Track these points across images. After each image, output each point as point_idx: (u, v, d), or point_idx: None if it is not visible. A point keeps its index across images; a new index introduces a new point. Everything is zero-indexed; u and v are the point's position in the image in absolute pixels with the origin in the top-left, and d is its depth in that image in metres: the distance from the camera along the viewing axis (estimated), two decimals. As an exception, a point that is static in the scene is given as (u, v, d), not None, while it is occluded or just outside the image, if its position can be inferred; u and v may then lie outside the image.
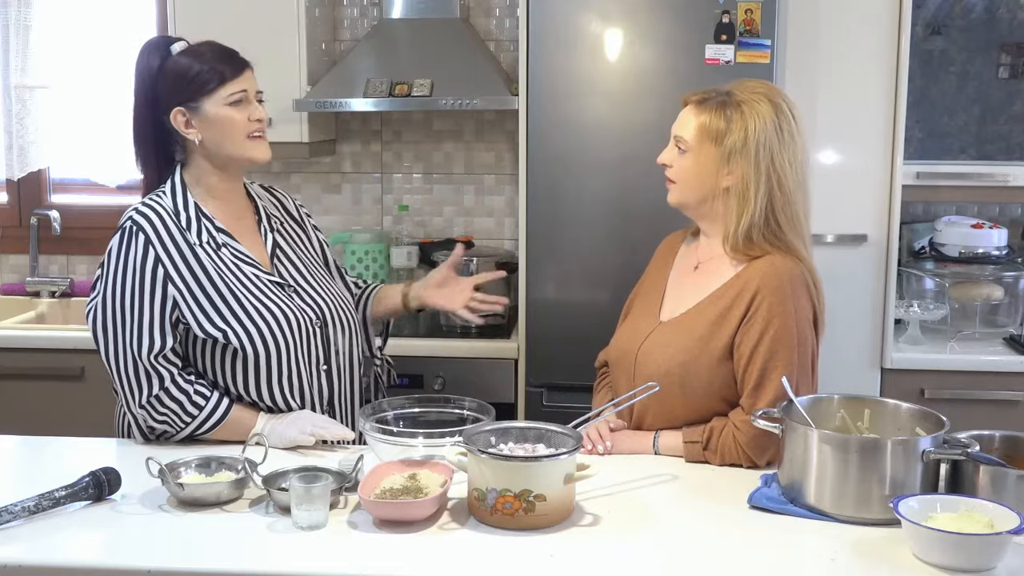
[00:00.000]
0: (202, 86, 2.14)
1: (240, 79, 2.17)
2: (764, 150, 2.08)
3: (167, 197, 2.19)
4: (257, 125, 2.19)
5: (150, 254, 2.11)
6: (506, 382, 3.22)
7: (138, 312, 2.10)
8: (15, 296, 3.87)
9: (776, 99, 2.13)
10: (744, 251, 2.12)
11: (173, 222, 2.15)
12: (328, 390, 2.27)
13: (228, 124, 2.16)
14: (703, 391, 2.10)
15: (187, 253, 2.14)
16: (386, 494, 1.79)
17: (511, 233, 3.77)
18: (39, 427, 2.57)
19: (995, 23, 3.49)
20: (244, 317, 2.15)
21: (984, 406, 3.07)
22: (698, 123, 2.12)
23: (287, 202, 2.42)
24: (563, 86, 3.04)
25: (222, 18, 3.32)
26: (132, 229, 2.13)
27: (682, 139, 2.14)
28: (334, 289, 2.34)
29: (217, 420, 2.14)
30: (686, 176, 2.15)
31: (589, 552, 1.69)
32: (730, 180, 2.10)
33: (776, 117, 2.10)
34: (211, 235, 2.18)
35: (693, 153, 2.13)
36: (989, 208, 3.56)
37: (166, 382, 2.12)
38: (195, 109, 2.15)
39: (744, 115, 2.09)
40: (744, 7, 2.93)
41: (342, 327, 2.30)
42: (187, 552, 1.71)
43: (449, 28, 3.51)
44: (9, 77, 3.82)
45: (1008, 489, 1.72)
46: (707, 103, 2.13)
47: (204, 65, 2.14)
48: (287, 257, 2.29)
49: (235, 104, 2.16)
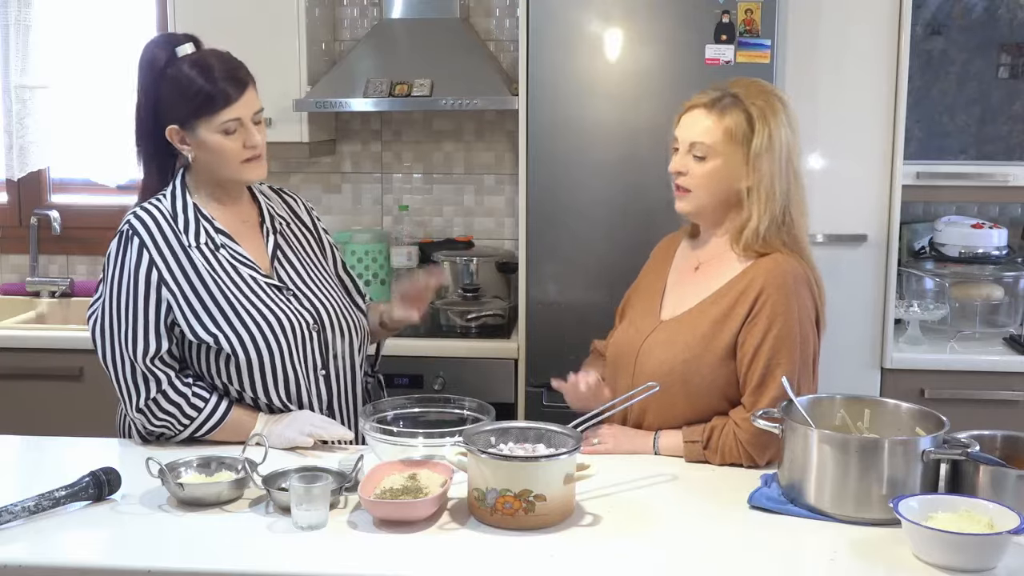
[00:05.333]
0: (198, 109, 2.08)
1: (238, 104, 2.09)
2: (785, 149, 2.11)
3: (166, 200, 2.17)
4: (251, 152, 2.13)
5: (144, 257, 2.11)
6: (506, 382, 3.22)
7: (133, 315, 2.10)
8: (15, 296, 3.87)
9: (781, 96, 2.16)
10: (757, 249, 2.12)
11: (169, 225, 2.14)
12: (327, 395, 2.25)
13: (220, 151, 2.11)
14: (705, 389, 2.11)
15: (181, 256, 2.12)
16: (386, 494, 1.79)
17: (511, 233, 3.77)
18: (39, 427, 2.57)
19: (995, 23, 3.49)
20: (236, 321, 2.13)
21: (984, 406, 3.08)
22: (723, 127, 2.10)
23: (297, 205, 2.39)
24: (563, 86, 3.05)
25: (222, 18, 3.32)
26: (128, 233, 2.13)
27: (702, 144, 2.11)
28: (336, 293, 2.31)
29: (216, 422, 2.14)
30: (707, 182, 2.12)
31: (589, 552, 1.69)
32: (750, 180, 2.10)
33: (787, 114, 2.13)
34: (210, 236, 2.16)
35: (720, 157, 2.11)
36: (989, 208, 3.57)
37: (163, 385, 2.11)
38: (190, 130, 2.11)
39: (766, 116, 2.10)
40: (744, 7, 2.94)
41: (341, 332, 2.27)
42: (187, 552, 1.71)
43: (449, 28, 3.51)
44: (9, 77, 3.82)
45: (1008, 489, 1.72)
46: (722, 107, 2.12)
47: (205, 84, 2.07)
48: (287, 260, 2.26)
49: (229, 132, 2.10)
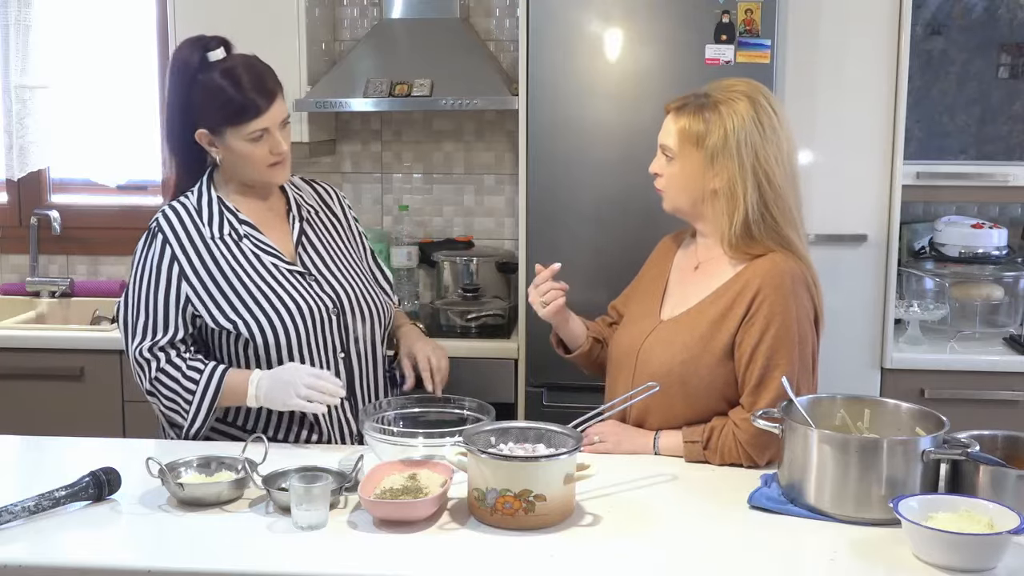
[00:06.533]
0: (228, 117, 2.18)
1: (267, 115, 2.18)
2: (747, 147, 2.08)
3: (192, 196, 2.28)
4: (277, 158, 2.23)
5: (167, 253, 2.21)
6: (506, 382, 3.22)
7: (151, 306, 2.20)
8: (15, 296, 3.87)
9: (754, 95, 2.12)
10: (744, 249, 2.12)
11: (193, 220, 2.24)
12: (347, 378, 2.28)
13: (248, 158, 2.22)
14: (704, 390, 2.11)
15: (203, 249, 2.22)
16: (386, 494, 1.79)
17: (511, 233, 3.77)
18: (39, 427, 2.57)
19: (995, 23, 3.49)
20: (255, 307, 2.20)
21: (984, 406, 3.07)
22: (677, 128, 2.13)
23: (328, 195, 2.46)
24: (563, 86, 3.05)
25: (222, 18, 3.30)
26: (154, 230, 2.24)
27: (667, 147, 2.16)
28: (361, 277, 2.36)
29: (216, 388, 2.16)
30: (674, 183, 2.16)
31: (589, 552, 1.69)
32: (717, 182, 2.11)
33: (755, 112, 2.09)
34: (233, 228, 2.25)
35: (678, 159, 2.13)
36: (989, 208, 3.56)
37: (161, 363, 2.18)
38: (219, 135, 2.21)
39: (721, 115, 2.09)
40: (744, 7, 2.94)
41: (363, 315, 2.32)
42: (187, 552, 1.71)
43: (449, 28, 3.51)
44: (9, 77, 3.81)
45: (1008, 489, 1.72)
46: (685, 108, 2.14)
47: (236, 95, 2.16)
48: (312, 246, 2.32)
49: (256, 140, 2.19)
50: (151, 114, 3.85)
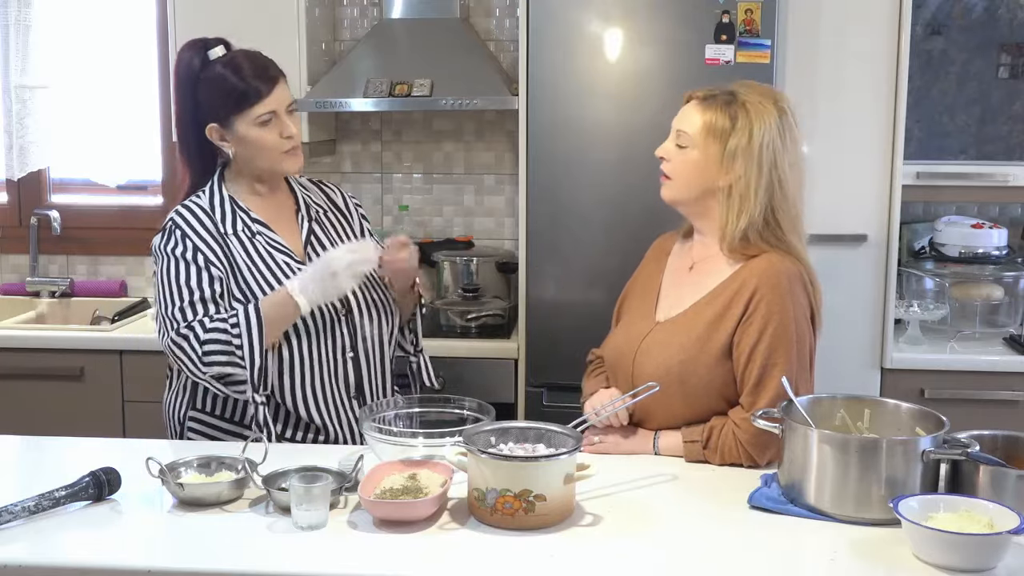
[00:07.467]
0: (234, 105, 2.21)
1: (271, 98, 2.21)
2: (768, 152, 2.09)
3: (204, 196, 2.30)
4: (289, 142, 2.25)
5: (188, 244, 2.22)
6: (506, 382, 3.22)
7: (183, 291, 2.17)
8: (15, 296, 3.87)
9: (781, 103, 2.14)
10: (741, 250, 2.12)
11: (208, 215, 2.26)
12: (356, 377, 2.30)
13: (259, 143, 2.24)
14: (703, 390, 2.10)
15: (220, 240, 2.24)
16: (386, 494, 1.79)
17: (511, 233, 3.77)
18: (39, 427, 2.57)
19: (995, 23, 3.49)
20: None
21: (984, 406, 3.07)
22: (703, 120, 2.12)
23: (336, 195, 2.48)
24: (563, 86, 3.05)
25: (222, 18, 3.30)
26: (170, 227, 2.26)
27: (685, 133, 2.13)
28: (368, 277, 2.35)
29: (257, 319, 2.14)
30: (684, 171, 2.15)
31: (589, 552, 1.69)
32: (728, 179, 2.10)
33: (780, 121, 2.11)
34: (246, 224, 2.27)
35: (696, 149, 2.12)
36: (989, 208, 3.56)
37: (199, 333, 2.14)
38: (228, 127, 2.23)
39: (750, 117, 2.09)
40: (744, 7, 2.94)
41: (370, 315, 2.33)
42: (187, 552, 1.71)
43: (449, 28, 3.51)
44: (9, 77, 3.81)
45: (1008, 489, 1.72)
46: (713, 101, 2.13)
47: (239, 82, 2.21)
48: (321, 246, 2.34)
49: (265, 124, 2.21)
50: (151, 114, 3.85)
